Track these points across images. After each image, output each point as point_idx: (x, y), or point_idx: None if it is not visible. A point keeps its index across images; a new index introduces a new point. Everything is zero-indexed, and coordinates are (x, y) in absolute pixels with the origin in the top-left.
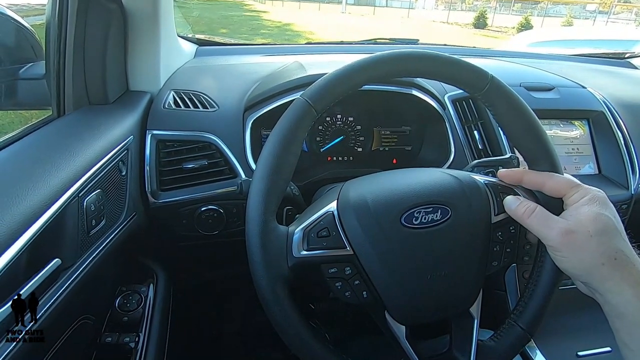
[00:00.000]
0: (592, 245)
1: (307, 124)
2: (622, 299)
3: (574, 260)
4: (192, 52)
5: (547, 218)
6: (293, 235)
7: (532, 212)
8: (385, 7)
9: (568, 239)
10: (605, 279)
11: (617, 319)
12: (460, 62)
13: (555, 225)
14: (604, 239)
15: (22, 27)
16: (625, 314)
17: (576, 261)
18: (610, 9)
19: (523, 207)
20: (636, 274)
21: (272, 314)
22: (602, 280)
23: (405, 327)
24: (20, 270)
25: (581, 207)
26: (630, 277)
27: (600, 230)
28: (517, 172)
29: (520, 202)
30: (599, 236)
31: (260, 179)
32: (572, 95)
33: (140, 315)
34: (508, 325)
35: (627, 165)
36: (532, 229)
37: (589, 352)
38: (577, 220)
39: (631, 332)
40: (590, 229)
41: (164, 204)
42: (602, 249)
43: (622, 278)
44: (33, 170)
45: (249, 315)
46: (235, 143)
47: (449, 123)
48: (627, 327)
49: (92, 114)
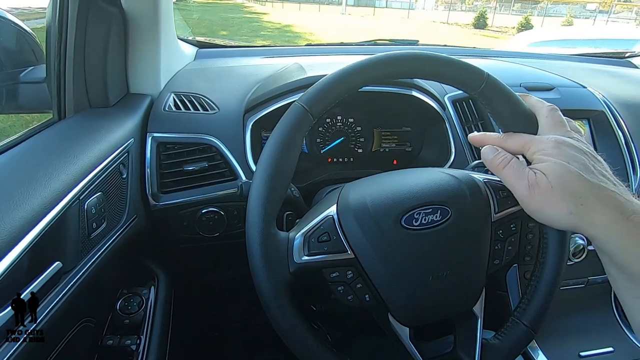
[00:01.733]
0: (558, 195)
1: (305, 129)
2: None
3: (549, 211)
4: (193, 54)
5: (518, 170)
6: (294, 240)
7: (507, 163)
8: (385, 7)
9: (534, 191)
10: (578, 225)
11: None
12: (456, 62)
13: (523, 177)
14: (565, 184)
15: (22, 31)
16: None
17: (550, 212)
18: (611, 8)
19: (500, 157)
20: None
21: (275, 320)
22: (580, 226)
23: (408, 328)
24: (21, 274)
25: (544, 156)
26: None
27: (559, 178)
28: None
29: (498, 152)
30: (561, 186)
31: (259, 185)
32: (572, 95)
33: (141, 317)
34: (511, 323)
35: (628, 164)
36: (505, 181)
37: (591, 353)
38: (539, 172)
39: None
40: (551, 180)
41: (164, 206)
42: (568, 196)
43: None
44: (34, 173)
45: (250, 317)
46: (236, 145)
47: (449, 123)
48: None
49: (93, 117)
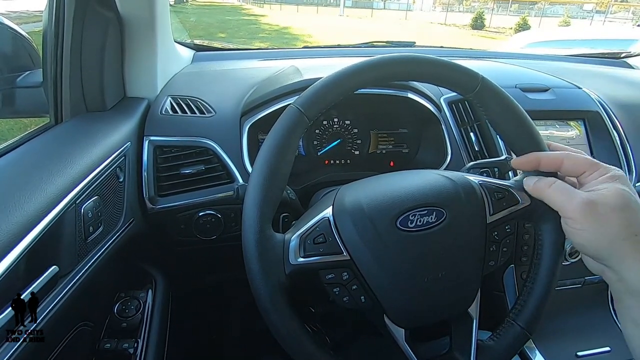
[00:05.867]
0: (615, 219)
1: (300, 132)
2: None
3: (595, 234)
4: (190, 57)
5: (567, 189)
6: (289, 242)
7: (552, 183)
8: (383, 9)
9: (590, 210)
10: (625, 254)
11: (631, 296)
12: (451, 64)
13: (577, 195)
14: (627, 214)
15: (19, 36)
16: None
17: (597, 234)
18: (608, 8)
19: (542, 181)
20: None
21: (272, 323)
22: (621, 256)
23: (404, 329)
24: (17, 278)
25: (601, 183)
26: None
27: (623, 204)
28: (531, 157)
29: (539, 178)
30: (621, 211)
31: (254, 188)
32: (567, 95)
33: (139, 321)
34: (507, 324)
35: (624, 165)
36: (552, 201)
37: (588, 352)
38: (599, 193)
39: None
40: (613, 203)
41: (161, 209)
42: (625, 223)
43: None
44: (30, 177)
45: (248, 319)
46: (233, 148)
47: (445, 125)
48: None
49: (90, 120)
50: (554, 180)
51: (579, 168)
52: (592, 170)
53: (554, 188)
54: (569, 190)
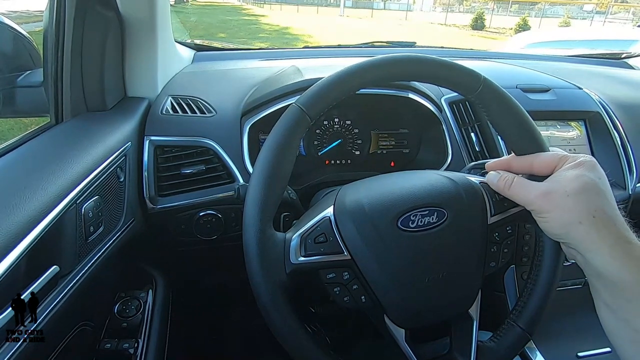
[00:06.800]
0: (569, 203)
1: (302, 131)
2: (600, 259)
3: (552, 220)
4: (190, 57)
5: (526, 185)
6: (290, 241)
7: (512, 182)
8: (383, 9)
9: (547, 199)
10: (583, 238)
11: (596, 279)
12: (453, 65)
13: (534, 188)
14: (581, 198)
15: (19, 35)
16: (603, 274)
17: (554, 220)
18: (608, 9)
19: (503, 180)
20: (615, 233)
21: (272, 322)
22: (580, 239)
23: (404, 330)
24: (18, 278)
25: (563, 171)
26: (609, 236)
27: (577, 188)
28: (503, 160)
29: (500, 176)
30: (576, 195)
31: (255, 187)
32: (568, 96)
33: (139, 321)
34: (507, 325)
35: (624, 165)
36: (515, 198)
37: (589, 353)
38: (556, 181)
39: (612, 291)
40: (567, 189)
41: (162, 209)
42: (580, 207)
43: (600, 237)
44: (31, 177)
45: (249, 319)
46: (233, 148)
47: (446, 125)
48: (606, 286)
49: (90, 120)
50: (512, 178)
51: (550, 165)
52: (562, 162)
53: (514, 185)
54: (527, 185)
